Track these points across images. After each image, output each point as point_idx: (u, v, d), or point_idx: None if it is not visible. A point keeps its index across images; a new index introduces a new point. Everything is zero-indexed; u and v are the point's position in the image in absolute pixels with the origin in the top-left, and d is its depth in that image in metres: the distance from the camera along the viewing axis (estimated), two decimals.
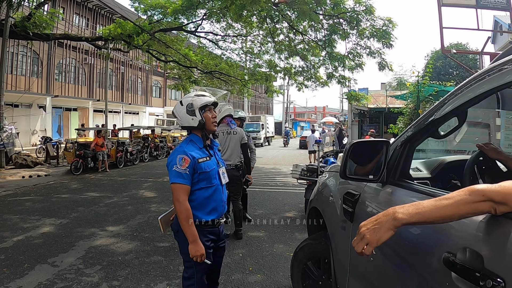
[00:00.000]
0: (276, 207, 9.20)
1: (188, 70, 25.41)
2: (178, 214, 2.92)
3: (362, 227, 1.52)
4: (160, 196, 10.89)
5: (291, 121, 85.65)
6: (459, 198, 1.31)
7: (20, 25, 16.94)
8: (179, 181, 2.93)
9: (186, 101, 3.12)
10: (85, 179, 14.46)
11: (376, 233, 1.46)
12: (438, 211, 1.35)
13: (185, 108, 3.10)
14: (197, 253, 2.88)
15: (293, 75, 21.57)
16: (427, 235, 1.73)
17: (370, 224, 1.50)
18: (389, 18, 16.31)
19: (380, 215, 1.50)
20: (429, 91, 12.85)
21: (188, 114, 3.09)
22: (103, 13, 34.70)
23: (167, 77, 41.64)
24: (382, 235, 1.45)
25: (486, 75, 1.71)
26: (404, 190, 2.24)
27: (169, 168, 3.00)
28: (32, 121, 27.52)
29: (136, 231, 7.12)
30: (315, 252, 3.61)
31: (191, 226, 2.90)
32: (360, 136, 23.29)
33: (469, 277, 1.36)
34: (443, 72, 37.64)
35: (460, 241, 1.51)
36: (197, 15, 19.22)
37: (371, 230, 1.48)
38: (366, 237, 1.48)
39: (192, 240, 2.89)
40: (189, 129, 3.19)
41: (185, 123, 3.13)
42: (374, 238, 1.46)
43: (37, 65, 28.75)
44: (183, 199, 2.92)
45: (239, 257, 5.57)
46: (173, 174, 2.95)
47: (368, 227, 1.50)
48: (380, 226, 1.46)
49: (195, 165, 3.00)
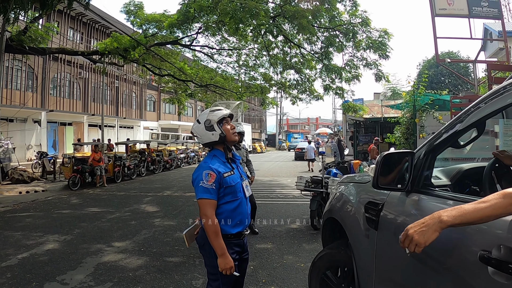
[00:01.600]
0: (280, 219, 9.15)
1: (184, 83, 25.49)
2: (206, 228, 2.89)
3: (410, 229, 1.67)
4: (163, 211, 10.81)
5: (285, 132, 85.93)
6: (496, 201, 1.50)
7: (16, 39, 16.94)
8: (206, 196, 2.92)
9: (203, 118, 3.15)
10: (84, 194, 14.36)
11: (424, 235, 1.62)
12: (477, 213, 1.52)
13: (203, 125, 3.12)
14: (226, 266, 2.88)
15: (287, 89, 21.67)
16: (460, 237, 1.85)
17: (418, 227, 1.65)
18: (385, 30, 16.47)
19: (427, 218, 1.65)
20: (425, 100, 12.92)
21: (208, 130, 3.11)
22: (98, 27, 34.77)
23: (161, 91, 41.76)
24: (429, 236, 1.61)
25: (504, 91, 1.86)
26: (429, 197, 2.37)
27: (195, 184, 2.99)
28: (27, 136, 27.40)
29: (143, 246, 7.08)
30: (334, 261, 3.64)
31: (219, 240, 2.89)
32: (356, 147, 23.39)
33: (506, 270, 1.53)
34: (436, 80, 37.88)
35: (494, 239, 1.65)
36: (192, 29, 19.31)
37: (419, 232, 1.63)
38: (415, 239, 1.63)
39: (221, 254, 2.88)
40: (210, 145, 3.19)
41: (206, 139, 3.15)
42: (422, 239, 1.62)
43: (32, 79, 28.72)
44: (210, 213, 2.90)
45: (250, 269, 5.51)
46: (200, 190, 2.94)
47: (415, 230, 1.65)
48: (427, 228, 1.62)
49: (221, 179, 3.00)
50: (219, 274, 2.98)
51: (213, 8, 15.80)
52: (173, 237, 7.70)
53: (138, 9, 19.95)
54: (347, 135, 28.56)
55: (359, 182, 3.68)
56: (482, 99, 2.05)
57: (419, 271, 2.17)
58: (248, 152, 8.43)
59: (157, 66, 23.96)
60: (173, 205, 11.76)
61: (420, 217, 2.27)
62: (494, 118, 2.19)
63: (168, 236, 7.85)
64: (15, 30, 17.24)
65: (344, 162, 12.14)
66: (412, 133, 12.88)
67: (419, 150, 2.61)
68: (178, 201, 12.39)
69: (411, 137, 12.83)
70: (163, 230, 8.35)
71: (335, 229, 3.89)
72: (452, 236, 1.86)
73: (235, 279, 3.14)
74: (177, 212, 10.55)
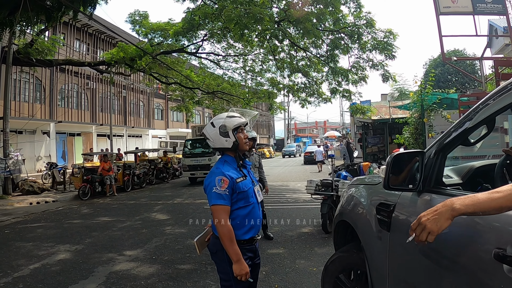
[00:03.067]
0: (291, 224, 9.14)
1: (191, 91, 25.56)
2: (221, 235, 2.86)
3: (422, 217, 1.65)
4: (174, 218, 10.82)
5: (293, 137, 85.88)
6: (510, 192, 1.48)
7: (23, 51, 17.13)
8: (220, 202, 2.88)
9: (218, 122, 3.11)
10: (95, 204, 14.41)
11: (436, 222, 1.60)
12: (491, 202, 1.51)
13: (217, 130, 3.08)
14: (242, 272, 2.84)
15: (296, 92, 21.64)
16: (474, 235, 1.85)
17: (430, 214, 1.63)
18: (390, 30, 16.45)
19: (439, 205, 1.63)
20: (433, 100, 12.85)
21: (222, 136, 3.08)
22: (103, 37, 34.96)
23: (169, 99, 41.86)
24: (442, 223, 1.59)
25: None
26: (441, 196, 2.32)
27: (208, 190, 2.95)
28: (36, 147, 27.54)
29: (155, 254, 7.07)
30: (347, 264, 3.62)
31: (234, 246, 2.86)
32: (365, 149, 23.31)
33: None
34: (442, 79, 37.69)
35: (509, 237, 1.61)
36: (197, 36, 19.36)
37: (432, 220, 1.61)
38: (428, 227, 1.61)
39: (237, 260, 2.85)
40: (221, 150, 3.17)
41: (218, 144, 3.12)
42: (435, 227, 1.60)
43: (39, 91, 28.88)
44: (225, 220, 2.86)
45: (262, 275, 5.48)
46: (213, 196, 2.90)
47: (428, 218, 1.63)
48: (440, 216, 1.60)
49: (234, 185, 2.97)
50: (232, 281, 2.96)
51: (217, 15, 15.85)
52: (184, 245, 7.69)
53: (143, 18, 20.11)
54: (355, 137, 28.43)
55: (370, 184, 3.67)
56: (491, 96, 2.04)
57: (433, 272, 2.16)
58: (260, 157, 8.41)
59: (164, 75, 24.10)
60: (184, 212, 11.77)
61: None
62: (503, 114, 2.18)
63: (180, 243, 7.84)
64: (22, 43, 17.43)
65: (353, 164, 12.10)
66: (421, 133, 12.81)
67: (430, 150, 2.59)
68: (188, 208, 12.40)
69: (420, 137, 12.75)
70: (174, 238, 8.35)
71: (347, 232, 3.88)
72: (466, 234, 1.86)
73: (248, 285, 3.12)
74: (187, 219, 10.54)
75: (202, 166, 20.28)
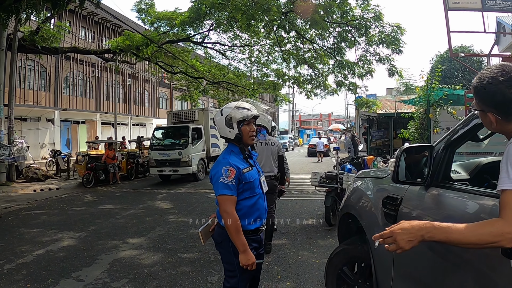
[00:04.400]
0: (295, 215, 9.14)
1: (196, 80, 25.51)
2: (227, 225, 2.85)
3: (398, 235, 1.76)
4: (177, 207, 10.86)
5: (297, 129, 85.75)
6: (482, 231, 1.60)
7: (28, 39, 17.11)
8: (227, 192, 2.86)
9: (226, 111, 3.07)
10: (98, 192, 14.47)
11: (409, 244, 1.74)
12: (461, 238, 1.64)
13: (224, 119, 3.06)
14: (249, 261, 2.85)
15: (302, 84, 21.56)
16: None
17: (406, 236, 1.74)
18: (397, 24, 16.32)
19: (414, 230, 1.74)
20: (439, 95, 12.77)
21: (226, 126, 3.05)
22: (109, 26, 34.85)
23: (174, 88, 41.79)
24: (414, 244, 1.74)
25: None
26: (448, 191, 2.37)
27: (214, 180, 2.93)
28: (40, 135, 27.58)
29: (158, 242, 7.09)
30: (351, 257, 3.65)
31: (241, 236, 2.85)
32: (369, 142, 23.25)
33: None
34: (449, 75, 37.49)
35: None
36: (204, 26, 19.29)
37: (406, 240, 1.74)
38: (400, 245, 1.74)
39: (243, 250, 2.85)
40: (226, 139, 3.15)
41: (223, 133, 3.10)
42: (408, 246, 1.74)
43: (44, 79, 28.87)
44: (231, 210, 2.86)
45: (266, 265, 5.50)
46: (220, 186, 2.87)
47: (403, 238, 1.74)
48: (414, 239, 1.73)
49: (240, 175, 2.95)
50: (237, 271, 2.98)
51: (224, 5, 15.77)
52: (187, 234, 7.72)
53: (149, 7, 20.01)
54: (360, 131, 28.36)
55: (376, 177, 3.67)
56: None
57: (439, 267, 2.16)
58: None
59: (169, 64, 24.03)
60: (187, 201, 11.80)
61: (439, 212, 2.28)
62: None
63: (183, 232, 7.86)
64: (28, 30, 17.41)
65: (358, 157, 12.04)
66: (426, 128, 12.75)
67: (439, 144, 2.61)
68: (192, 198, 12.43)
69: (425, 132, 12.69)
70: (178, 227, 8.37)
71: (352, 225, 3.88)
72: None
73: (252, 275, 3.14)
74: (191, 208, 10.58)
75: (172, 161, 16.80)
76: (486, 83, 1.76)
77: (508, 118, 1.74)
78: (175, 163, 16.64)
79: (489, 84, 1.75)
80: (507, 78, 1.71)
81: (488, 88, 1.76)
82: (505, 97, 1.70)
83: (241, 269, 2.95)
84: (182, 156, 16.55)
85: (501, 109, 1.74)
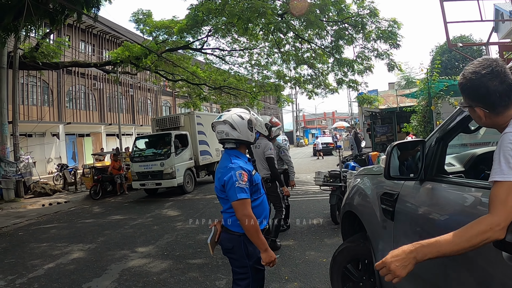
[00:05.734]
0: (301, 215, 9.15)
1: (198, 87, 25.59)
2: (249, 227, 2.88)
3: (391, 264, 1.74)
4: (184, 214, 10.91)
5: (302, 129, 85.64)
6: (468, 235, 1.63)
7: (29, 55, 17.26)
8: (244, 196, 2.90)
9: (246, 116, 3.16)
10: (106, 203, 14.54)
11: (404, 269, 1.72)
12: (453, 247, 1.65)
13: (246, 123, 3.14)
14: (271, 258, 2.92)
15: (303, 84, 21.59)
16: None
17: (399, 262, 1.73)
18: (393, 19, 16.30)
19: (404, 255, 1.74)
20: (440, 87, 12.75)
21: (249, 130, 3.15)
22: (108, 38, 35.02)
23: (176, 96, 41.86)
24: (410, 269, 1.72)
25: None
26: (443, 184, 2.38)
27: (230, 185, 2.94)
28: (46, 150, 27.74)
29: (167, 250, 7.15)
30: (354, 254, 3.67)
31: (261, 236, 2.92)
32: (374, 138, 23.23)
33: None
34: (450, 66, 37.43)
35: None
36: (202, 33, 19.37)
37: (400, 267, 1.72)
38: (397, 273, 1.72)
39: (265, 249, 2.91)
40: (239, 143, 3.18)
41: (244, 137, 3.14)
42: (404, 272, 1.72)
43: (47, 94, 29.03)
44: (250, 212, 2.90)
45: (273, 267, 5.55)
46: (237, 191, 2.89)
47: (397, 265, 1.72)
48: (408, 263, 1.72)
49: (251, 178, 3.04)
50: (250, 273, 3.05)
51: (221, 10, 15.81)
52: (195, 240, 7.77)
53: (147, 17, 20.11)
54: (364, 127, 28.32)
55: (375, 173, 3.69)
56: None
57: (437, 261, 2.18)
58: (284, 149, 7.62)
59: (170, 72, 24.13)
60: (194, 208, 11.86)
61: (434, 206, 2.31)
62: None
63: (191, 239, 7.91)
64: (27, 47, 17.55)
65: (361, 154, 12.04)
66: (429, 121, 12.73)
67: (430, 138, 2.63)
68: (199, 204, 12.48)
69: (428, 125, 12.67)
70: (185, 233, 8.42)
71: (354, 222, 3.91)
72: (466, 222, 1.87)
73: (263, 275, 3.24)
74: (198, 214, 10.63)
75: (154, 173, 15.11)
76: (469, 79, 1.80)
77: (495, 111, 1.76)
78: (157, 176, 15.03)
79: (472, 79, 1.79)
80: (489, 71, 1.74)
81: (472, 83, 1.80)
82: (489, 90, 1.73)
83: (255, 270, 3.05)
84: (164, 167, 14.89)
85: (486, 102, 1.77)
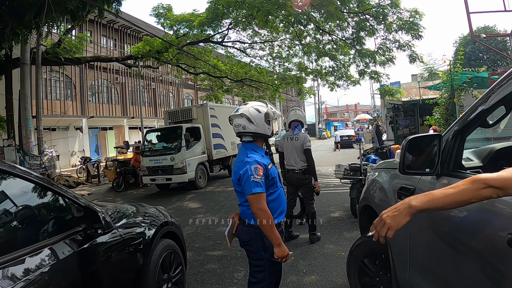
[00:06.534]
0: (322, 209, 9.11)
1: (219, 80, 25.63)
2: (263, 221, 2.89)
3: (384, 214, 1.78)
4: (205, 207, 10.98)
5: (324, 121, 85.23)
6: (463, 187, 1.60)
7: (51, 51, 17.55)
8: (259, 190, 2.91)
9: (263, 110, 3.17)
10: (128, 195, 14.75)
11: (395, 219, 1.73)
12: (445, 198, 1.63)
13: (263, 116, 3.14)
14: (284, 253, 2.94)
15: (324, 76, 21.43)
16: (487, 222, 1.87)
17: (391, 212, 1.76)
18: (415, 9, 16.08)
19: (399, 204, 1.76)
20: (463, 79, 12.55)
21: (266, 123, 3.15)
22: (130, 32, 35.33)
23: (198, 89, 42.02)
24: (401, 220, 1.72)
25: None
26: (460, 180, 2.28)
27: (245, 179, 2.95)
28: (70, 143, 28.19)
29: (187, 242, 7.13)
30: (371, 249, 3.65)
31: (275, 230, 2.93)
32: (396, 131, 23.00)
33: None
34: (473, 57, 36.74)
35: None
36: (222, 25, 19.38)
37: (391, 216, 1.74)
38: (387, 223, 1.74)
39: (279, 243, 2.92)
40: (256, 136, 3.18)
41: (261, 130, 3.14)
42: (394, 223, 1.73)
43: (70, 88, 29.49)
44: (265, 207, 2.91)
45: (291, 260, 5.53)
46: (252, 185, 2.90)
47: (388, 214, 1.75)
48: (399, 213, 1.73)
49: (267, 171, 3.04)
50: (266, 266, 3.07)
51: (241, 3, 15.82)
52: (215, 232, 7.84)
53: (167, 11, 20.18)
54: (386, 119, 28.02)
55: (392, 167, 3.65)
56: (506, 77, 2.02)
57: (450, 257, 2.17)
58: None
59: (192, 65, 24.23)
60: (215, 200, 11.94)
61: None
62: None
63: (211, 231, 7.99)
64: (50, 44, 17.83)
65: (383, 147, 11.93)
66: (451, 114, 12.54)
67: (447, 133, 2.58)
68: (220, 196, 12.57)
69: (451, 118, 12.47)
70: (206, 226, 8.49)
71: (372, 217, 3.89)
72: (481, 220, 1.89)
73: (281, 268, 3.27)
74: (219, 207, 10.71)
75: (164, 168, 14.58)
76: None
77: None
78: (168, 171, 14.51)
79: None
80: None
81: None
82: None
83: (271, 262, 3.06)
84: (175, 162, 14.34)
85: None
